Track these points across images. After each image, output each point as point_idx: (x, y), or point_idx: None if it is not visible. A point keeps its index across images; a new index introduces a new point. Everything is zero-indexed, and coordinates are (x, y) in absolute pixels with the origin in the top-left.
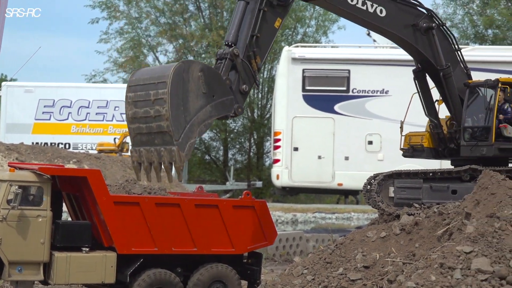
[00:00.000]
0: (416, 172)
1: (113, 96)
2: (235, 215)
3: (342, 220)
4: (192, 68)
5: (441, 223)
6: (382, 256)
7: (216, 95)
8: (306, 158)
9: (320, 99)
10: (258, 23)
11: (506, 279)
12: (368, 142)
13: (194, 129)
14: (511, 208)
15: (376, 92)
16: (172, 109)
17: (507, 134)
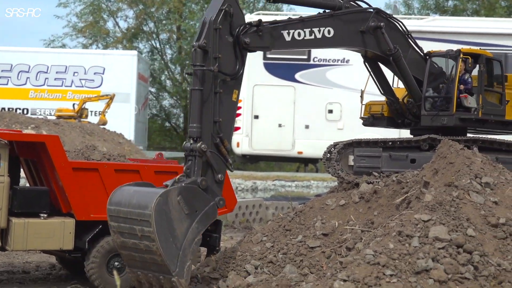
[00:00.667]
0: (375, 141)
1: (72, 61)
2: None
3: (301, 188)
4: (170, 197)
5: (399, 192)
6: (341, 224)
7: (198, 209)
8: (267, 126)
9: (281, 67)
10: (217, 108)
11: (463, 247)
12: (328, 111)
13: (187, 252)
14: (469, 177)
15: (337, 61)
16: (162, 245)
17: (467, 104)
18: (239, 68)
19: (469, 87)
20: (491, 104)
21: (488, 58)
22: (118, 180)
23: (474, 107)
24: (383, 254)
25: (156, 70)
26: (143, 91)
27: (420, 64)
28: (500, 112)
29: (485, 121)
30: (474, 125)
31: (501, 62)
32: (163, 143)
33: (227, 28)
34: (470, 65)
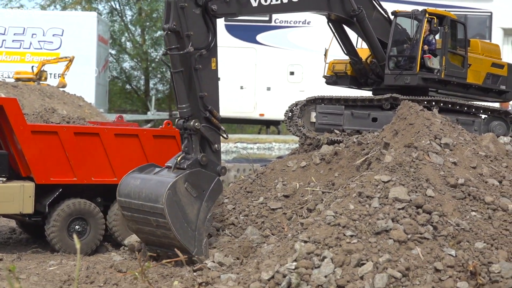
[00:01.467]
0: (338, 98)
1: (31, 22)
2: (156, 145)
3: (263, 150)
4: (178, 187)
5: (360, 153)
6: (302, 185)
7: (205, 188)
8: (228, 88)
9: (242, 29)
10: (200, 84)
11: (422, 208)
12: (290, 73)
13: (202, 231)
14: (428, 138)
15: (298, 22)
16: (178, 232)
17: (430, 65)
18: (212, 37)
19: (433, 48)
20: (453, 66)
21: (452, 20)
22: (77, 143)
23: (437, 68)
24: (344, 215)
25: (116, 32)
26: (103, 53)
27: (384, 25)
28: (462, 75)
29: (447, 82)
30: (436, 86)
31: (465, 25)
32: (124, 105)
33: (192, 1)
34: (435, 25)
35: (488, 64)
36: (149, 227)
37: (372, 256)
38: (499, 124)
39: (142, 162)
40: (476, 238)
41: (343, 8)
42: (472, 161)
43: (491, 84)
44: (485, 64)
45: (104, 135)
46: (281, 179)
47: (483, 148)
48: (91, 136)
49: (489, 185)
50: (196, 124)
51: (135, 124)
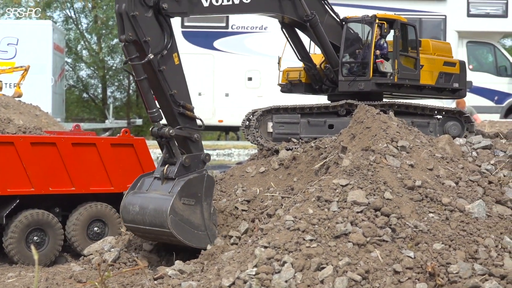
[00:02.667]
0: (293, 107)
1: None
2: (113, 153)
3: (223, 156)
4: (176, 208)
5: (318, 158)
6: (261, 190)
7: (199, 191)
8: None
9: (199, 35)
10: (168, 83)
11: (380, 210)
12: (248, 79)
13: (212, 226)
14: (385, 141)
15: (255, 28)
16: (191, 241)
17: (383, 69)
18: (169, 37)
19: (384, 52)
20: (406, 68)
21: (402, 23)
22: (34, 153)
23: (390, 72)
24: (303, 219)
25: (72, 40)
26: (59, 62)
27: (336, 29)
28: (415, 77)
29: (400, 86)
30: (390, 89)
31: (415, 27)
32: (82, 114)
33: (142, 6)
34: (386, 30)
35: (440, 63)
36: (164, 240)
37: (332, 259)
38: (453, 124)
39: (100, 171)
40: (434, 240)
41: (296, 12)
42: (428, 163)
43: (444, 83)
44: (437, 64)
45: (61, 145)
46: (240, 185)
47: (439, 150)
48: (48, 146)
49: (446, 186)
50: (171, 132)
51: (92, 133)
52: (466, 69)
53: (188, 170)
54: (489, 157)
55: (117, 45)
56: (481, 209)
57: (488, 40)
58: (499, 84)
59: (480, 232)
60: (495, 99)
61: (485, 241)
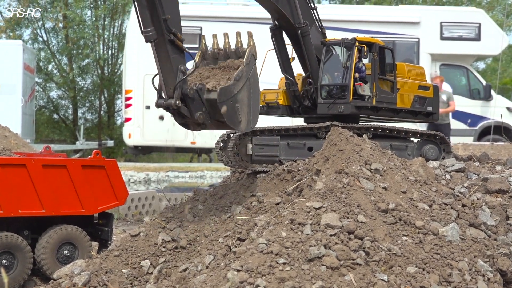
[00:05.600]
0: (271, 129)
1: None
2: (84, 175)
3: (195, 178)
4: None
5: (291, 180)
6: (233, 214)
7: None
8: (158, 116)
9: None
10: (162, 7)
11: (354, 233)
12: None
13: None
14: (359, 164)
15: None
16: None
17: (362, 92)
18: None
19: (363, 75)
20: (384, 92)
21: (381, 47)
22: (3, 175)
23: (368, 95)
24: (276, 242)
25: (43, 60)
26: (30, 82)
27: (318, 44)
28: (392, 100)
29: (378, 109)
30: (369, 112)
31: (392, 50)
32: (52, 135)
33: None
34: (366, 53)
35: (415, 87)
36: None
37: (306, 283)
38: (431, 147)
39: (71, 193)
40: (408, 263)
41: (292, 14)
42: (402, 186)
43: (418, 107)
44: (412, 87)
45: (31, 166)
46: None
47: (413, 172)
48: (18, 168)
49: (419, 209)
50: (178, 103)
51: (63, 155)
52: (438, 93)
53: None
54: (462, 180)
55: (87, 65)
56: (454, 232)
57: (461, 63)
58: (472, 107)
59: (454, 256)
60: (468, 122)
61: (458, 264)
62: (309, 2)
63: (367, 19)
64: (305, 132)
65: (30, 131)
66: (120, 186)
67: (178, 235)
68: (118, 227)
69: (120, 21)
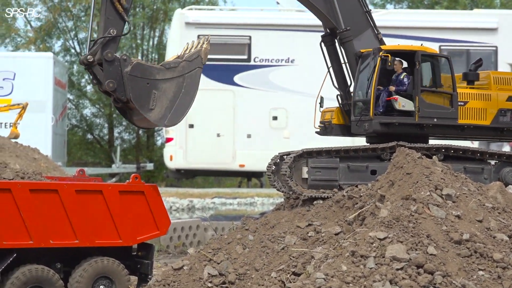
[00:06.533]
0: (329, 150)
1: None
2: (122, 202)
3: (244, 205)
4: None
5: (352, 208)
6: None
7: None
8: (203, 136)
9: (218, 69)
10: None
11: (423, 267)
12: (273, 118)
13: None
14: (428, 189)
15: (280, 61)
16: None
17: (399, 107)
18: None
19: (403, 88)
20: (434, 106)
21: (426, 55)
22: (34, 201)
23: (410, 110)
24: (336, 277)
25: (75, 74)
26: (61, 99)
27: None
28: (449, 115)
29: (424, 126)
30: (413, 130)
31: (449, 58)
32: (85, 157)
33: None
34: (390, 64)
35: (503, 99)
36: None
37: None
38: (511, 170)
39: (107, 221)
40: None
41: (334, 18)
42: (477, 214)
43: (508, 122)
44: (495, 100)
45: (63, 192)
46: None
47: (490, 199)
48: (49, 193)
49: (497, 240)
50: (89, 57)
51: (98, 179)
52: None
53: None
54: None
55: None
56: None
57: None
58: None
59: None
60: None
61: None
62: (363, 5)
63: (437, 26)
64: (367, 153)
65: (61, 153)
66: (161, 214)
67: (226, 268)
68: (159, 259)
69: (160, 30)
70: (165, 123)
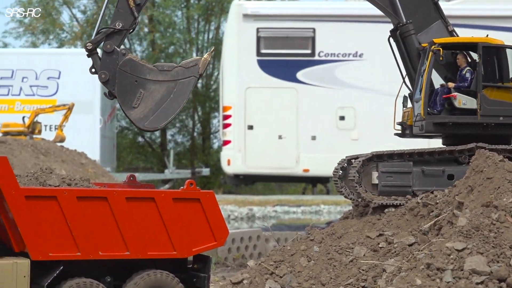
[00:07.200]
0: (402, 153)
1: (20, 63)
2: (176, 210)
3: (309, 214)
4: (135, 115)
5: (427, 216)
6: (356, 257)
7: (131, 81)
8: (264, 138)
9: (279, 65)
10: None
11: (506, 281)
12: (340, 118)
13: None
14: (510, 195)
15: (348, 55)
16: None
17: (459, 105)
18: None
19: (465, 84)
20: (500, 103)
21: (490, 47)
22: (81, 210)
23: (472, 108)
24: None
25: None
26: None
27: None
28: None
29: (487, 126)
30: (475, 130)
31: None
32: (136, 162)
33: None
34: (442, 58)
35: None
36: None
37: None
38: None
39: (160, 231)
40: None
41: (391, 4)
42: None
43: None
44: None
45: (113, 200)
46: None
47: None
48: (97, 201)
49: None
50: (88, 45)
51: (150, 185)
52: None
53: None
54: None
55: None
56: None
57: None
58: None
59: None
60: None
61: None
62: None
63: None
64: (443, 156)
65: (110, 158)
66: (218, 224)
67: (290, 283)
68: (216, 273)
69: (216, 23)
70: (144, 125)
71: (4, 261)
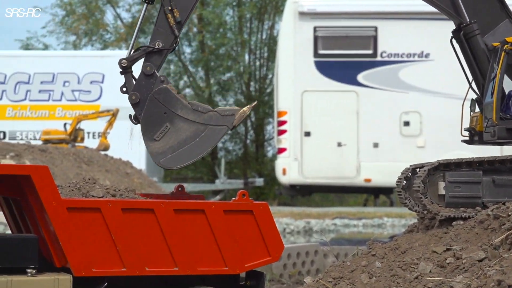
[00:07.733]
0: (470, 162)
1: (61, 67)
2: (227, 223)
3: (371, 227)
4: (155, 149)
5: (499, 229)
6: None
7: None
8: (322, 145)
9: (339, 66)
10: None
11: None
12: (404, 123)
13: (207, 113)
14: None
15: (413, 55)
16: (204, 148)
17: None
18: None
19: None
20: None
21: None
22: (127, 223)
23: None
24: None
25: (172, 75)
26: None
27: None
28: None
29: None
30: None
31: None
32: (185, 172)
33: None
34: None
35: None
36: None
37: None
38: None
39: (211, 245)
40: None
41: (456, 11)
42: None
43: None
44: None
45: (160, 212)
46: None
47: None
48: (144, 213)
49: None
50: (123, 62)
51: (200, 196)
52: None
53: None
54: None
55: (229, 80)
56: None
57: None
58: None
59: None
60: None
61: None
62: None
63: None
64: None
65: (157, 167)
66: (273, 237)
67: None
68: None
69: (271, 22)
70: (160, 161)
71: (45, 277)
